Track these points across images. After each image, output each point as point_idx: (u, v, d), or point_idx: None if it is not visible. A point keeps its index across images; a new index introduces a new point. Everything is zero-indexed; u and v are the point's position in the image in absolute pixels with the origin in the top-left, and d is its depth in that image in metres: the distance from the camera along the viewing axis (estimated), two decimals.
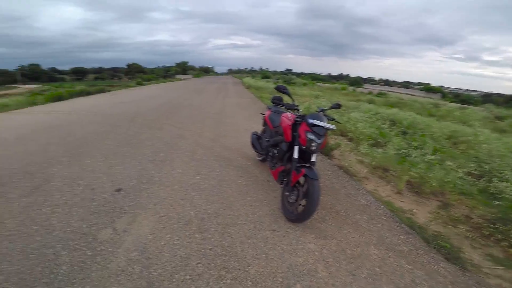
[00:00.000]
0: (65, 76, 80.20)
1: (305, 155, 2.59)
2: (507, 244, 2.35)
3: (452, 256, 2.22)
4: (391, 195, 3.29)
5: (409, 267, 2.08)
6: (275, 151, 3.12)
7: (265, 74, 43.94)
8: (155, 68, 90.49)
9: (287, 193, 2.60)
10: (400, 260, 2.14)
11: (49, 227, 2.34)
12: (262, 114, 4.13)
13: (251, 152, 4.40)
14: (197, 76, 57.29)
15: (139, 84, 25.70)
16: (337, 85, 28.36)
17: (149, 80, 33.79)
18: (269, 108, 3.80)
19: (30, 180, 3.20)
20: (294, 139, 2.61)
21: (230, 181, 3.36)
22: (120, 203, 2.74)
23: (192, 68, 79.84)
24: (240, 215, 2.62)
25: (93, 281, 1.78)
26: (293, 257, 2.10)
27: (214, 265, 1.97)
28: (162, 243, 2.17)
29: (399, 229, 2.56)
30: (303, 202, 2.39)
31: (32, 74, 70.08)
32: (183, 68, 74.07)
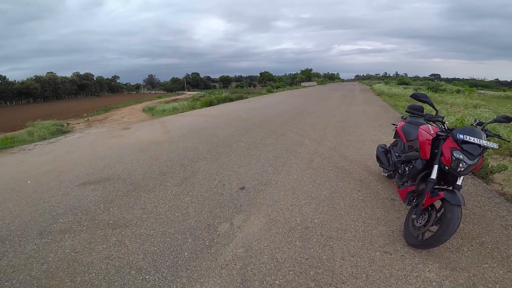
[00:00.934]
0: (215, 84, 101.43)
1: (447, 177, 2.24)
2: None
3: None
4: None
5: None
6: (406, 168, 2.79)
7: (402, 80, 38.66)
8: (283, 76, 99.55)
9: (414, 216, 2.29)
10: None
11: (186, 215, 2.81)
12: (393, 124, 3.75)
13: (375, 166, 4.10)
14: (321, 83, 57.39)
15: (269, 91, 28.78)
16: (508, 93, 21.32)
17: (277, 87, 37.05)
18: (404, 119, 3.37)
19: (183, 172, 4.10)
20: (434, 156, 2.27)
21: (345, 194, 3.29)
22: (241, 200, 3.16)
23: (317, 75, 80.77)
24: (348, 230, 2.54)
25: (202, 270, 2.03)
26: (401, 284, 1.87)
27: (305, 275, 1.98)
28: (264, 244, 2.34)
29: None
30: (434, 228, 2.10)
31: (193, 81, 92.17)
32: (307, 75, 76.34)
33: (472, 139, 1.97)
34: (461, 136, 2.01)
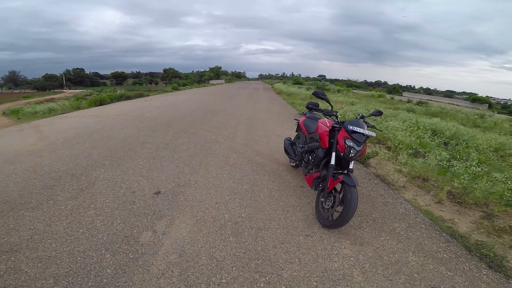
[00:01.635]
0: (106, 81, 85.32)
1: (342, 162, 2.59)
2: None
3: (495, 264, 2.18)
4: (431, 205, 3.20)
5: (450, 273, 2.07)
6: (310, 157, 3.13)
7: (297, 80, 43.75)
8: (190, 73, 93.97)
9: (322, 199, 2.61)
10: (440, 267, 2.13)
11: (94, 230, 2.42)
12: (296, 120, 4.15)
13: (283, 157, 4.47)
14: (229, 81, 58.73)
15: (175, 89, 27.01)
16: (373, 92, 27.36)
17: (184, 85, 35.36)
18: (304, 114, 3.79)
19: (76, 183, 3.38)
20: (331, 145, 2.61)
21: (263, 186, 3.44)
22: (159, 205, 2.88)
23: (225, 73, 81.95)
24: (272, 220, 2.67)
25: (135, 284, 1.84)
26: (328, 262, 2.11)
27: (248, 268, 2.03)
28: (199, 246, 2.26)
29: (439, 237, 2.50)
30: (339, 208, 2.40)
31: (76, 78, 74.23)
32: (216, 73, 76.32)
33: (358, 129, 2.39)
34: (351, 127, 2.40)
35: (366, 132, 2.40)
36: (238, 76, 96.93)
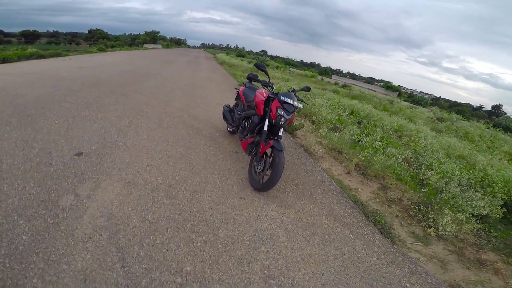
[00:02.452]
0: (12, 39, 67.82)
1: (273, 129, 2.82)
2: (426, 224, 2.81)
3: (385, 230, 2.58)
4: (342, 174, 3.71)
5: (352, 237, 2.42)
6: (246, 124, 3.30)
7: (240, 53, 42.89)
8: (122, 35, 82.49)
9: (255, 163, 2.82)
10: (345, 230, 2.48)
11: (1, 194, 2.10)
12: (236, 89, 4.27)
13: (221, 124, 4.53)
14: (166, 46, 53.66)
15: (102, 50, 23.36)
16: (307, 72, 29.07)
17: (112, 47, 30.86)
18: (244, 84, 3.97)
19: None
20: (266, 113, 2.82)
21: (199, 150, 3.46)
22: (82, 167, 2.62)
23: (163, 39, 74.20)
24: (208, 182, 2.76)
25: (58, 250, 1.70)
26: (258, 223, 2.32)
27: (183, 229, 2.07)
28: (129, 209, 2.18)
29: (346, 204, 2.94)
30: (269, 172, 2.63)
31: None
32: (152, 38, 68.27)
33: (289, 101, 2.64)
34: (283, 98, 2.65)
35: (295, 103, 2.68)
36: (177, 43, 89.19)
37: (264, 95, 3.01)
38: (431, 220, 2.81)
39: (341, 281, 1.90)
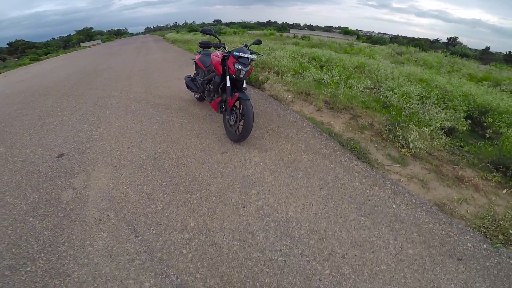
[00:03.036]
0: None
1: (236, 84, 2.94)
2: (399, 145, 2.93)
3: (362, 155, 2.72)
4: (313, 113, 3.93)
5: (332, 165, 2.58)
6: (210, 86, 3.40)
7: (191, 28, 40.42)
8: (49, 40, 73.75)
9: (227, 117, 2.98)
10: (325, 161, 2.65)
11: (8, 205, 2.22)
12: (192, 59, 4.28)
13: (188, 96, 4.57)
14: (106, 40, 49.29)
15: (35, 60, 21.09)
16: (265, 31, 28.36)
17: (46, 54, 27.90)
18: (199, 52, 4.02)
19: None
20: (225, 72, 2.94)
21: (173, 122, 3.55)
22: (68, 165, 2.71)
23: (100, 33, 67.32)
24: (190, 147, 2.90)
25: (78, 236, 1.86)
26: (244, 170, 2.52)
27: (178, 192, 2.25)
28: (124, 187, 2.33)
29: (320, 137, 3.15)
30: (242, 122, 2.79)
31: None
32: (87, 35, 61.65)
33: (243, 55, 2.76)
34: (237, 54, 2.76)
35: (249, 56, 2.80)
36: (118, 34, 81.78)
37: (219, 56, 3.10)
38: (401, 138, 2.94)
39: (331, 208, 2.05)
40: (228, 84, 2.86)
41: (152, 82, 5.87)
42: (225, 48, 3.05)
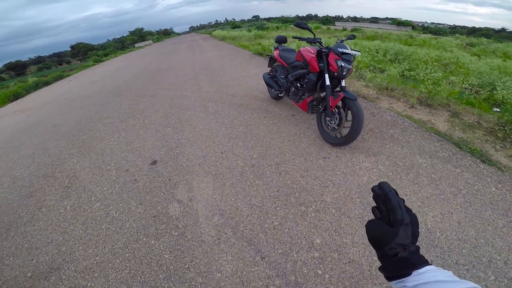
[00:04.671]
0: (2, 75, 63.89)
1: (332, 82, 2.67)
2: None
3: (485, 158, 2.35)
4: (407, 110, 3.46)
5: (457, 170, 2.22)
6: (299, 85, 3.15)
7: (234, 24, 41.12)
8: (106, 42, 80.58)
9: (327, 119, 2.68)
10: (447, 165, 2.29)
11: (116, 222, 2.14)
12: (267, 55, 4.14)
13: (261, 94, 4.40)
14: (157, 40, 52.57)
15: (98, 61, 23.29)
16: (310, 25, 27.47)
17: (105, 55, 30.72)
18: (276, 48, 3.81)
19: (55, 184, 2.85)
20: (321, 69, 2.68)
21: (257, 124, 3.37)
22: (165, 174, 2.63)
23: (150, 34, 72.02)
24: (285, 152, 2.68)
25: (202, 260, 1.71)
26: (357, 178, 2.22)
27: (291, 204, 2.03)
28: (232, 199, 2.17)
29: (430, 138, 2.72)
30: (348, 124, 2.52)
31: None
32: (139, 36, 66.35)
33: (347, 51, 2.48)
34: (340, 50, 2.48)
35: (353, 52, 2.51)
36: (166, 33, 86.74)
37: (313, 51, 2.83)
38: None
39: (474, 216, 1.79)
40: (328, 82, 2.58)
41: (220, 81, 5.83)
42: (321, 43, 2.77)
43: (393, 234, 0.45)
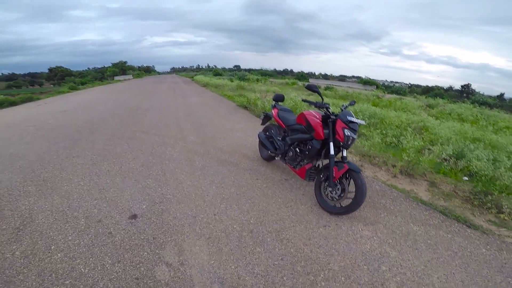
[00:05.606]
0: None
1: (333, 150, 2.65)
2: (496, 211, 2.81)
3: (469, 223, 2.59)
4: (390, 179, 3.59)
5: (449, 235, 2.42)
6: (298, 150, 3.06)
7: (216, 71, 43.01)
8: (85, 70, 79.39)
9: (329, 189, 2.62)
10: (439, 231, 2.47)
11: (84, 278, 1.83)
12: (264, 113, 4.06)
13: (251, 153, 4.33)
14: (137, 76, 52.77)
15: (73, 88, 22.42)
16: (287, 80, 29.57)
17: (82, 83, 29.87)
18: (274, 107, 3.73)
19: (3, 225, 2.44)
20: (325, 136, 2.66)
21: (250, 186, 3.23)
22: (148, 231, 2.34)
23: (132, 68, 72.31)
24: (283, 219, 2.57)
25: None
26: (359, 246, 2.23)
27: (297, 273, 1.94)
28: (232, 267, 1.99)
29: (418, 207, 2.87)
30: (350, 195, 2.49)
31: None
32: (121, 68, 65.97)
33: (354, 119, 2.50)
34: (349, 118, 2.49)
35: (359, 121, 2.53)
36: (147, 71, 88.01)
37: (318, 116, 2.81)
38: (493, 205, 2.88)
39: (474, 275, 1.98)
40: (333, 152, 2.56)
41: (205, 132, 5.75)
42: (328, 109, 2.72)
43: None
